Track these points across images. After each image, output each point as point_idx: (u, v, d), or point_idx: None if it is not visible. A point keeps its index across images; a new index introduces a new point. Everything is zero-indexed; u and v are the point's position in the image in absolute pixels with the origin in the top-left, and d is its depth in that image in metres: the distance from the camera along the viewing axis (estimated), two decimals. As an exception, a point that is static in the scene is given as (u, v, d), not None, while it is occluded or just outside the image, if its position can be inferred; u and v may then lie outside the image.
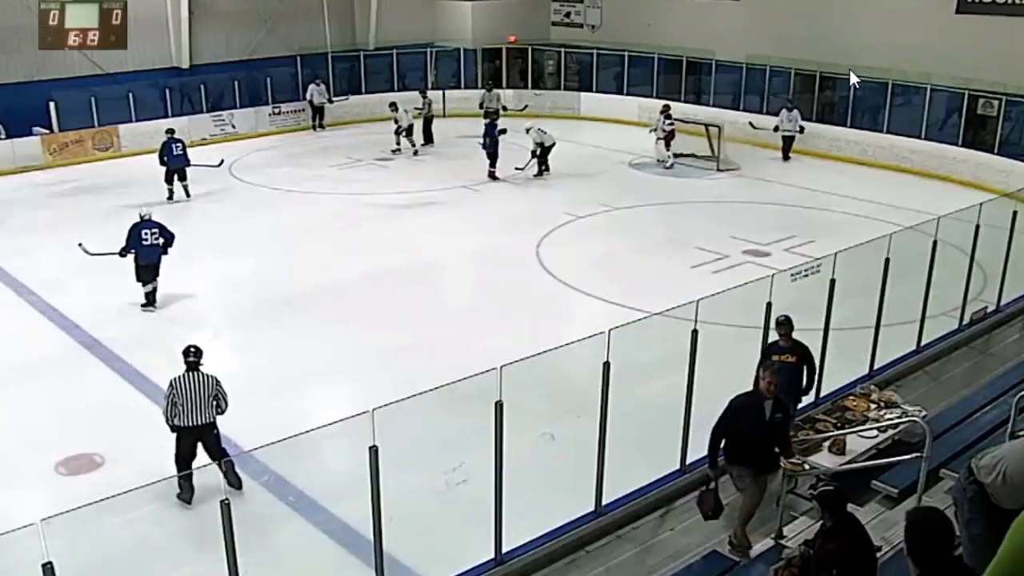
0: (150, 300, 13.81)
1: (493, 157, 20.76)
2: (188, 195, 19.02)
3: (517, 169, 21.05)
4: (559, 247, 16.39)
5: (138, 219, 13.85)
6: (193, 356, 8.62)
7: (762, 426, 7.39)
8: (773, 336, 9.06)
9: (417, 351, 11.91)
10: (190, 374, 8.51)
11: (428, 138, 24.42)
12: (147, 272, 13.72)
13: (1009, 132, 20.88)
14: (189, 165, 18.93)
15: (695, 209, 19.19)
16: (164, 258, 13.80)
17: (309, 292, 14.25)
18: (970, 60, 20.66)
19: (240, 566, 6.21)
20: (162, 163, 18.66)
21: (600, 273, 15.13)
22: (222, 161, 20.84)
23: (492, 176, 20.77)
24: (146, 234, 13.68)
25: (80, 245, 14.22)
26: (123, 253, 13.69)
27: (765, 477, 7.57)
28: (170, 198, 18.78)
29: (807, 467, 7.58)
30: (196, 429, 8.37)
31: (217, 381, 8.58)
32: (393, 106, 23.45)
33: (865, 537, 5.48)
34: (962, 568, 4.31)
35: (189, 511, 7.93)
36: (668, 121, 22.21)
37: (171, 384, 8.46)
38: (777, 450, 7.49)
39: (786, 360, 8.46)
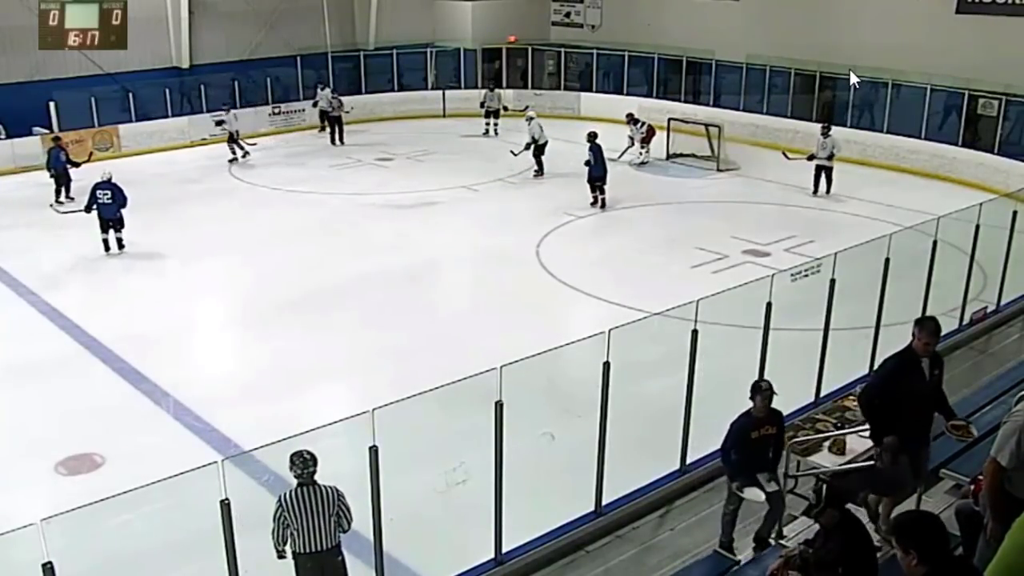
0: (106, 246, 15.92)
1: (601, 180, 18.61)
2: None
3: (513, 153, 21.05)
4: (559, 247, 16.39)
5: (99, 179, 16.01)
6: (312, 465, 6.49)
7: (924, 385, 6.70)
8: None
9: (417, 351, 11.91)
10: (304, 489, 6.50)
11: (340, 138, 24.47)
12: (105, 224, 15.88)
13: (1009, 132, 20.89)
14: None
15: (695, 209, 19.19)
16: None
17: (309, 292, 14.25)
18: (970, 60, 20.66)
19: (240, 566, 6.21)
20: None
21: (600, 273, 15.13)
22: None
23: (602, 204, 18.60)
24: (100, 194, 15.83)
25: (51, 206, 17.32)
26: (87, 210, 15.92)
27: (923, 452, 6.77)
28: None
29: (973, 431, 6.86)
30: (318, 556, 6.59)
31: (339, 494, 6.59)
32: (226, 107, 22.90)
33: (865, 537, 5.48)
34: (967, 566, 4.32)
35: (189, 511, 7.92)
36: (639, 125, 22.23)
37: (280, 503, 6.52)
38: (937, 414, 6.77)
39: (766, 432, 7.32)
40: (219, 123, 22.97)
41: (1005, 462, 5.04)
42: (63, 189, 18.86)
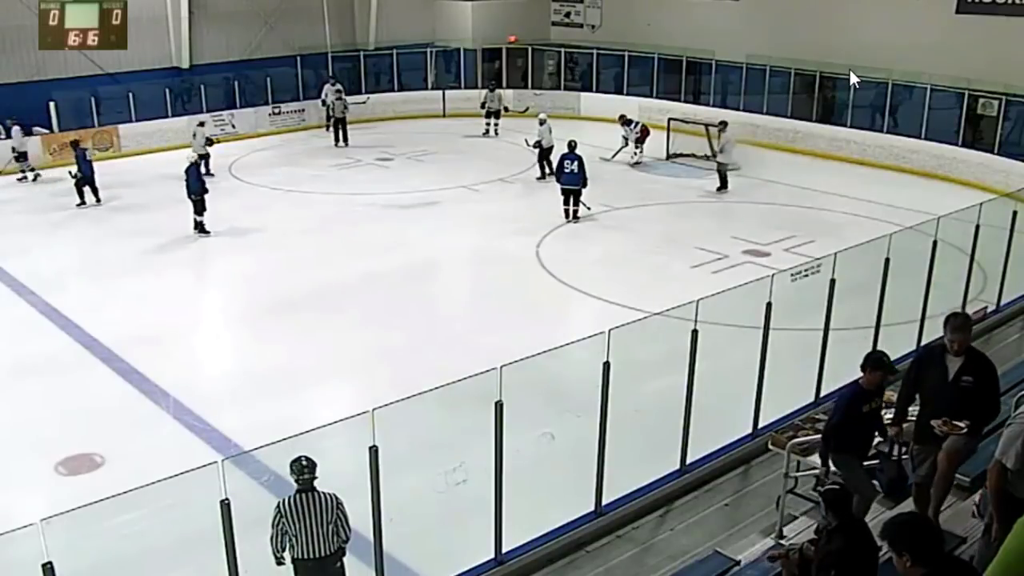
0: (195, 225, 16.95)
1: (576, 193, 17.80)
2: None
3: (527, 142, 21.14)
4: (559, 247, 16.39)
5: (186, 162, 17.29)
6: (308, 472, 6.50)
7: (941, 383, 6.30)
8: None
9: (417, 351, 11.91)
10: (303, 496, 6.52)
11: (344, 139, 24.35)
12: (192, 204, 16.92)
13: (1009, 132, 20.89)
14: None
15: (695, 209, 19.19)
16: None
17: (309, 292, 14.24)
18: (970, 60, 20.67)
19: (240, 566, 6.21)
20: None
21: (600, 273, 15.13)
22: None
23: (575, 216, 17.78)
24: (184, 176, 17.04)
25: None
26: None
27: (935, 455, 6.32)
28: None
29: (962, 426, 6.19)
30: (317, 562, 6.59)
31: (338, 502, 6.60)
32: (12, 121, 20.96)
33: (868, 538, 5.46)
34: (966, 567, 4.32)
35: (189, 511, 7.93)
36: (633, 125, 22.26)
37: (278, 509, 6.53)
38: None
39: (876, 405, 6.85)
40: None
41: (1010, 464, 5.02)
42: (84, 191, 18.77)
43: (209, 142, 21.37)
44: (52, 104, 22.42)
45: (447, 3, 29.85)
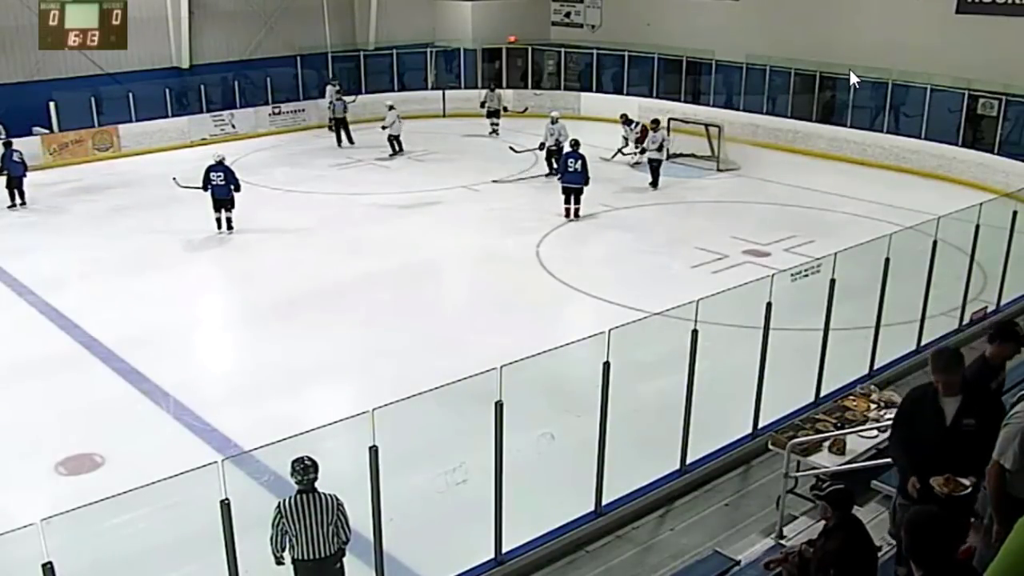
0: (219, 224, 16.77)
1: (578, 192, 17.84)
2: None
3: (512, 150, 20.99)
4: (559, 247, 16.39)
5: (212, 162, 16.75)
6: (313, 472, 6.51)
7: (938, 430, 5.42)
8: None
9: (417, 351, 11.91)
10: (303, 496, 6.53)
11: (347, 139, 24.36)
12: (217, 204, 16.71)
13: (1009, 132, 20.88)
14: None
15: (695, 209, 19.19)
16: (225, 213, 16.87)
17: (309, 292, 14.25)
18: (970, 60, 20.67)
19: (240, 566, 6.21)
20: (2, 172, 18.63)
21: (600, 273, 15.13)
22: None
23: (576, 214, 17.87)
24: (214, 176, 16.60)
25: (174, 179, 17.84)
26: (204, 188, 16.70)
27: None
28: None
29: (964, 483, 5.35)
30: (317, 563, 6.60)
31: (339, 503, 6.61)
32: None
33: (866, 537, 5.47)
34: (966, 568, 4.32)
35: (189, 511, 7.93)
36: (633, 125, 22.29)
37: (279, 509, 6.54)
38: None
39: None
40: None
41: (1009, 464, 5.00)
42: (15, 192, 18.66)
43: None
44: (52, 104, 22.42)
45: (447, 3, 29.85)
